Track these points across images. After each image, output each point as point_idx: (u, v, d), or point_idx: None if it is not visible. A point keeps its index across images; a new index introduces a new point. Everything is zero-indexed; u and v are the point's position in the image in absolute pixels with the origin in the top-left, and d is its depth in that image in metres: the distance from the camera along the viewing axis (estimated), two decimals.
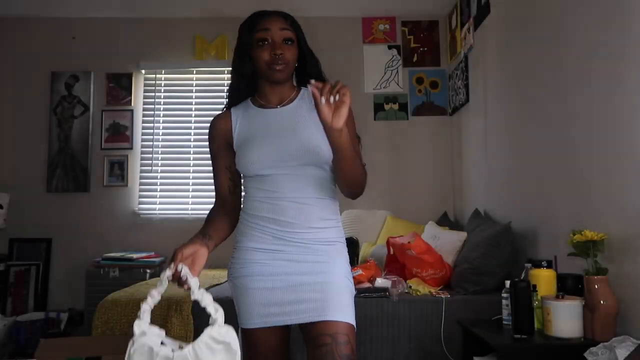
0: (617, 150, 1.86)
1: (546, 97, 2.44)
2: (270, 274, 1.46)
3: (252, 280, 1.47)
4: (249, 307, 1.46)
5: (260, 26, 1.48)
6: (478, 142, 3.46)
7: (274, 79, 1.48)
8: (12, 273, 3.91)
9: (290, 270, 1.45)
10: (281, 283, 1.45)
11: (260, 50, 1.46)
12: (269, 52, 1.45)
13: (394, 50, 4.23)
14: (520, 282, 1.97)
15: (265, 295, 1.45)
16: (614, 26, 1.88)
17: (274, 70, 1.46)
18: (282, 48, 1.45)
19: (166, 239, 4.02)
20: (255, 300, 1.45)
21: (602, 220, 1.94)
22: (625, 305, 1.81)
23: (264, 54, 1.46)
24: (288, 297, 1.44)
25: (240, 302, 1.50)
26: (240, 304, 1.50)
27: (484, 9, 3.25)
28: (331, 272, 1.46)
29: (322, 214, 1.48)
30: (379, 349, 2.38)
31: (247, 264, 1.50)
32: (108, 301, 2.52)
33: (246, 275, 1.49)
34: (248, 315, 1.46)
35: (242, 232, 1.55)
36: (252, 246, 1.51)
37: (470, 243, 2.83)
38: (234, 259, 1.55)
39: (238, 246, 1.55)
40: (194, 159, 4.15)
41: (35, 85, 4.19)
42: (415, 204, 4.04)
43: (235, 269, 1.54)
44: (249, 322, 1.46)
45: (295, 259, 1.46)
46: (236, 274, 1.53)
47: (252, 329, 1.46)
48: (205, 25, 4.23)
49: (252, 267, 1.48)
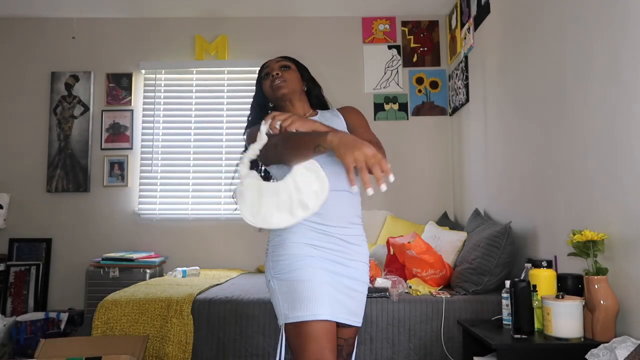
0: (617, 150, 1.86)
1: (546, 97, 2.44)
2: (325, 269, 1.51)
3: (311, 273, 1.48)
4: (313, 298, 1.44)
5: (265, 69, 1.78)
6: (478, 142, 3.46)
7: (278, 95, 1.70)
8: (12, 273, 3.91)
9: (339, 271, 1.54)
10: (341, 283, 1.53)
11: (264, 83, 1.76)
12: (269, 78, 1.74)
13: (394, 50, 4.23)
14: (520, 282, 1.97)
15: (329, 290, 1.49)
16: (614, 26, 1.88)
17: (275, 87, 1.70)
18: (279, 70, 1.73)
19: (166, 239, 4.04)
20: (319, 292, 1.46)
21: (602, 220, 1.94)
22: (625, 305, 1.81)
23: (267, 82, 1.74)
24: (344, 299, 1.53)
25: (296, 293, 1.46)
26: (298, 295, 1.45)
27: (484, 9, 3.25)
28: (367, 281, 1.63)
29: (356, 211, 1.64)
30: (379, 349, 2.38)
31: (304, 258, 1.51)
32: (108, 301, 2.52)
33: (303, 267, 1.49)
34: (312, 306, 1.43)
35: (285, 227, 1.53)
36: (302, 241, 1.54)
37: (470, 243, 2.83)
38: (284, 254, 1.53)
39: (285, 243, 1.54)
40: (194, 159, 4.15)
41: (35, 85, 4.19)
42: (415, 204, 4.05)
43: (283, 265, 1.52)
44: (315, 312, 1.42)
45: (342, 260, 1.56)
46: (286, 269, 1.51)
47: (321, 320, 1.43)
48: (205, 25, 4.23)
49: (308, 260, 1.51)
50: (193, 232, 4.08)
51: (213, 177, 4.13)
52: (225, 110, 4.20)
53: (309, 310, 1.42)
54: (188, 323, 2.41)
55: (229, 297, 2.53)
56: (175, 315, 2.43)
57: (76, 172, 4.09)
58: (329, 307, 1.45)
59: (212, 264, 3.99)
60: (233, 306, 2.45)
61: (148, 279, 3.54)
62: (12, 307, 3.84)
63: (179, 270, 3.43)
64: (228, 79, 4.23)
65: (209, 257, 4.01)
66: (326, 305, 1.44)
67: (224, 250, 4.04)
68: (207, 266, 3.93)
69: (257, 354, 2.38)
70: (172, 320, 2.42)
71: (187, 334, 2.40)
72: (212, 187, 4.13)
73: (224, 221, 4.07)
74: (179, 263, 3.91)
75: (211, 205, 4.11)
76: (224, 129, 4.17)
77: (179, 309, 2.44)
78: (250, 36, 4.17)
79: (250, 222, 1.45)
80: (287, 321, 1.44)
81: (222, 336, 2.41)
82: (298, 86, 1.74)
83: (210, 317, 2.43)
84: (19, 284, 3.90)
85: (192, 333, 2.40)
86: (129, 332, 2.42)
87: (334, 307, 1.47)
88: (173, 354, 2.37)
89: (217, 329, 2.42)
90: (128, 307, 2.48)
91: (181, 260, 3.95)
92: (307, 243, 1.53)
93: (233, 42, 4.21)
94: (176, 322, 2.42)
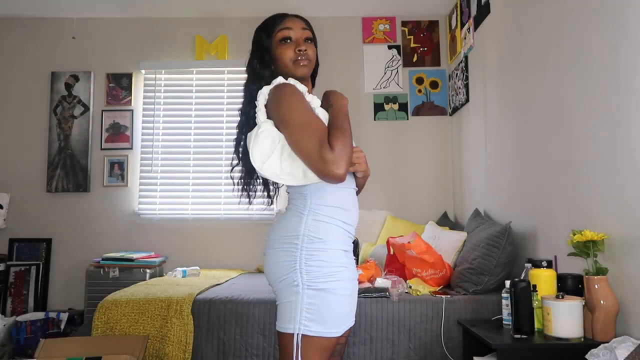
0: (617, 150, 1.86)
1: (546, 97, 2.44)
2: (350, 279, 1.43)
3: (343, 286, 1.39)
4: (340, 316, 1.38)
5: (281, 26, 1.51)
6: (478, 142, 3.46)
7: (299, 74, 1.49)
8: (12, 273, 3.91)
9: (356, 275, 1.47)
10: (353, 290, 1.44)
11: (283, 48, 1.50)
12: (292, 49, 1.49)
13: (394, 50, 4.23)
14: (520, 282, 1.97)
15: (349, 302, 1.42)
16: (613, 26, 1.88)
17: (299, 65, 1.48)
18: (305, 45, 1.50)
19: (166, 239, 4.04)
20: (345, 308, 1.40)
21: (602, 220, 1.94)
22: (625, 305, 1.81)
23: (288, 52, 1.49)
24: (354, 304, 1.46)
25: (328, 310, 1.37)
26: (330, 312, 1.37)
27: (484, 9, 3.25)
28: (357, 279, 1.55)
29: None
30: (379, 349, 2.38)
31: (339, 269, 1.40)
32: (108, 301, 2.52)
33: (338, 280, 1.38)
34: (336, 323, 1.38)
35: (325, 230, 1.42)
36: (340, 248, 1.43)
37: (470, 243, 2.83)
38: (322, 262, 1.38)
39: (325, 247, 1.40)
40: (194, 159, 4.15)
41: (35, 85, 4.19)
42: (415, 204, 4.05)
43: (320, 273, 1.37)
44: (337, 330, 1.38)
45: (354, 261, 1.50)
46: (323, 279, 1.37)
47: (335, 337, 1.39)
48: (205, 25, 4.23)
49: (343, 273, 1.40)
50: (193, 232, 4.08)
51: (213, 177, 4.13)
52: (225, 110, 4.20)
53: (332, 327, 1.37)
54: (188, 323, 2.41)
55: (229, 297, 2.53)
56: (175, 315, 2.43)
57: (76, 172, 4.09)
58: (345, 323, 1.41)
59: (212, 264, 3.99)
60: (233, 306, 2.45)
61: (148, 279, 3.54)
62: (12, 307, 3.84)
63: (179, 270, 3.43)
64: (228, 79, 4.22)
65: (209, 257, 4.01)
66: (344, 323, 1.40)
67: (224, 250, 4.04)
68: (207, 266, 3.93)
69: (257, 354, 2.38)
70: (172, 320, 2.42)
71: (187, 334, 2.40)
72: (212, 187, 4.13)
73: (224, 221, 4.07)
74: (179, 263, 3.91)
75: (211, 205, 4.11)
76: (224, 129, 4.17)
77: (179, 309, 2.44)
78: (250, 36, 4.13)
79: (257, 168, 1.38)
80: (305, 332, 1.35)
81: (222, 336, 2.41)
82: (314, 64, 1.57)
83: (210, 317, 2.43)
84: (19, 284, 3.90)
85: (192, 333, 2.40)
86: (129, 332, 2.42)
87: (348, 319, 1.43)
88: (173, 354, 2.37)
89: (217, 329, 2.42)
90: (128, 307, 2.48)
91: (181, 260, 3.95)
92: (342, 250, 1.44)
93: (233, 42, 4.21)
94: (176, 322, 2.42)
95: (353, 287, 1.44)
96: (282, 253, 1.41)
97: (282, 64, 1.50)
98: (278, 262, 1.42)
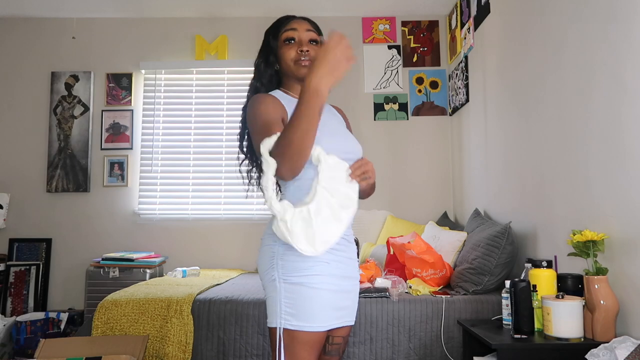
0: (617, 150, 1.86)
1: (546, 97, 2.44)
2: (333, 275, 1.43)
3: (322, 281, 1.40)
4: (321, 310, 1.39)
5: (287, 27, 1.56)
6: (478, 142, 3.46)
7: (301, 74, 1.51)
8: (12, 273, 3.91)
9: (347, 274, 1.48)
10: (341, 287, 1.45)
11: (287, 48, 1.53)
12: (295, 50, 1.52)
13: (394, 50, 4.23)
14: (520, 282, 1.97)
15: (333, 298, 1.42)
16: (614, 26, 1.88)
17: (301, 66, 1.51)
18: (308, 46, 1.52)
19: (166, 239, 4.04)
20: (326, 303, 1.40)
21: (602, 220, 1.94)
22: (625, 305, 1.81)
23: (290, 52, 1.53)
24: (345, 302, 1.47)
25: (304, 303, 1.38)
26: (306, 306, 1.38)
27: (484, 9, 3.25)
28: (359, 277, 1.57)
29: None
30: (379, 349, 2.38)
31: (318, 264, 1.40)
32: (108, 301, 2.52)
33: (313, 274, 1.39)
34: (318, 318, 1.39)
35: None
36: None
37: (470, 243, 2.83)
38: (298, 256, 1.39)
39: None
40: (194, 159, 4.15)
41: (35, 85, 4.19)
42: (415, 204, 4.05)
43: (294, 267, 1.40)
44: (319, 325, 1.39)
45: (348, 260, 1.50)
46: (298, 274, 1.39)
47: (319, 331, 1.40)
48: (205, 25, 4.23)
49: (322, 268, 1.41)
50: (193, 232, 4.08)
51: (213, 177, 4.13)
52: (225, 110, 4.20)
53: (312, 321, 1.38)
54: (188, 323, 2.42)
55: (229, 297, 2.53)
56: (175, 315, 2.43)
57: (76, 172, 4.09)
58: (331, 318, 1.41)
59: (212, 264, 3.99)
60: (233, 306, 2.45)
61: (148, 279, 3.54)
62: (12, 307, 3.84)
63: (179, 270, 3.43)
64: (228, 79, 4.22)
65: (209, 257, 4.01)
66: (329, 318, 1.41)
67: (224, 250, 4.04)
68: (207, 266, 3.93)
69: (257, 354, 2.38)
70: (172, 320, 2.42)
71: (187, 334, 2.40)
72: (212, 187, 4.13)
73: (224, 221, 4.07)
74: (179, 263, 3.91)
75: (211, 205, 4.11)
76: (224, 129, 4.17)
77: (179, 309, 2.44)
78: (250, 36, 4.17)
79: (312, 254, 1.33)
80: (287, 327, 1.38)
81: (222, 336, 2.41)
82: None
83: (210, 317, 2.43)
84: (18, 284, 3.90)
85: (192, 333, 2.40)
86: (129, 332, 2.42)
87: (335, 315, 1.43)
88: (173, 354, 2.37)
89: (217, 329, 2.42)
90: (128, 307, 2.48)
91: (181, 260, 3.95)
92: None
93: (233, 42, 4.21)
94: (176, 322, 2.42)
95: (341, 283, 1.44)
96: (265, 249, 1.45)
97: (284, 64, 1.54)
98: (261, 258, 1.47)
